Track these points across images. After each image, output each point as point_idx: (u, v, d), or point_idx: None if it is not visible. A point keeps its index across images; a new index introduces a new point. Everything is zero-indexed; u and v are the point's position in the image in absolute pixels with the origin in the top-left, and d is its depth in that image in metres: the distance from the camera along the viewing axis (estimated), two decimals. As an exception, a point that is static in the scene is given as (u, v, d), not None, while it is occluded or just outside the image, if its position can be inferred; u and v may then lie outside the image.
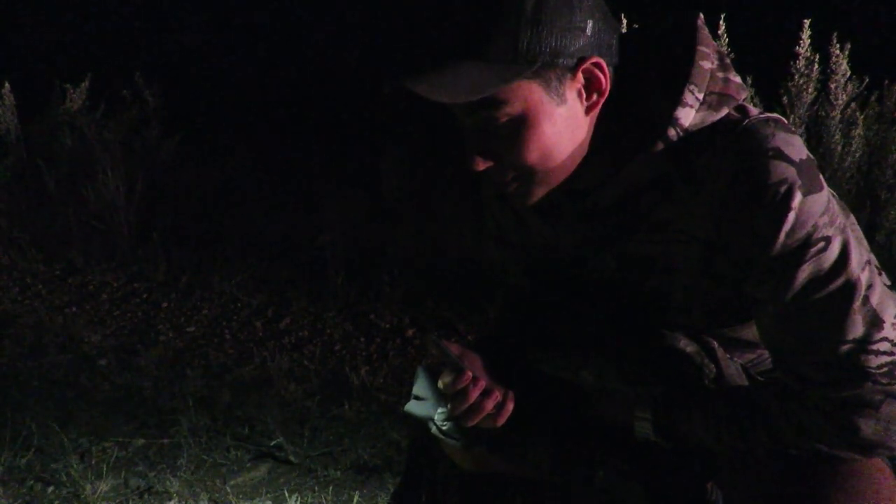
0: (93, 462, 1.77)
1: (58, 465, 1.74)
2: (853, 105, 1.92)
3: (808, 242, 0.74)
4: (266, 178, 3.53)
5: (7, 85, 3.26)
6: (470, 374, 0.85)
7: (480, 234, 1.11)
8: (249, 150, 3.61)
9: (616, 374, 0.91)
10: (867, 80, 1.93)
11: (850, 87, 1.90)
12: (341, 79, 4.24)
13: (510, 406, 0.88)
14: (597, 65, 0.76)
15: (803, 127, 1.88)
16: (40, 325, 2.61)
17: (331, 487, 1.65)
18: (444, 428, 0.96)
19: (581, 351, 0.93)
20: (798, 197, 0.73)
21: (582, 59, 0.75)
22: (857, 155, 1.85)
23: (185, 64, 4.54)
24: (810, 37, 1.83)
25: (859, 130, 1.86)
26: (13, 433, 1.84)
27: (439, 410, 0.94)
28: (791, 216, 0.74)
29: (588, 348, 0.92)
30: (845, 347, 0.74)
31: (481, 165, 0.79)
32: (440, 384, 0.87)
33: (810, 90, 1.88)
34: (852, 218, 0.81)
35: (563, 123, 0.77)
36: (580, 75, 0.76)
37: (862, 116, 1.90)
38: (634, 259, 0.85)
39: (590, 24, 0.74)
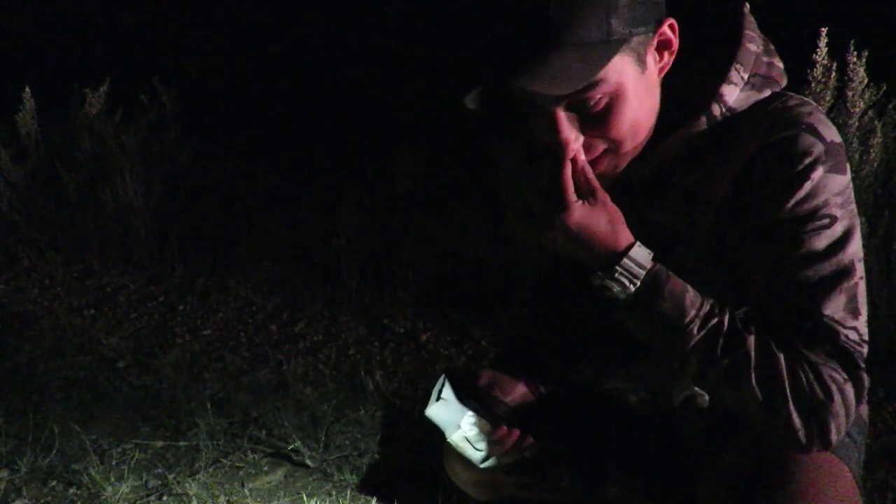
0: (113, 463, 1.80)
1: (78, 466, 1.77)
2: (870, 113, 1.91)
3: (814, 215, 0.76)
4: (281, 182, 3.56)
5: (27, 89, 3.31)
6: (505, 428, 0.89)
7: (496, 238, 1.12)
8: (265, 155, 3.64)
9: (642, 384, 0.92)
10: (885, 87, 1.92)
11: (867, 94, 1.90)
12: (358, 82, 4.26)
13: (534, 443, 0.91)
14: (671, 25, 0.77)
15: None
16: (59, 327, 2.65)
17: (348, 492, 1.67)
18: (469, 435, 0.96)
19: (606, 360, 0.94)
20: (819, 171, 0.75)
21: (659, 22, 0.77)
22: (876, 164, 1.84)
23: (202, 69, 4.58)
24: (827, 45, 1.82)
25: (878, 139, 1.86)
26: (35, 434, 1.87)
27: (468, 414, 0.95)
28: (807, 185, 0.75)
29: (613, 357, 0.93)
30: (825, 320, 0.76)
31: (574, 145, 0.78)
32: (478, 426, 0.89)
33: (827, 98, 1.87)
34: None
35: (645, 90, 0.78)
36: (656, 39, 0.78)
37: (880, 124, 1.89)
38: (660, 228, 0.86)
39: None
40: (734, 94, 0.79)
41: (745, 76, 0.79)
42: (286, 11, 5.07)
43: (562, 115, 0.77)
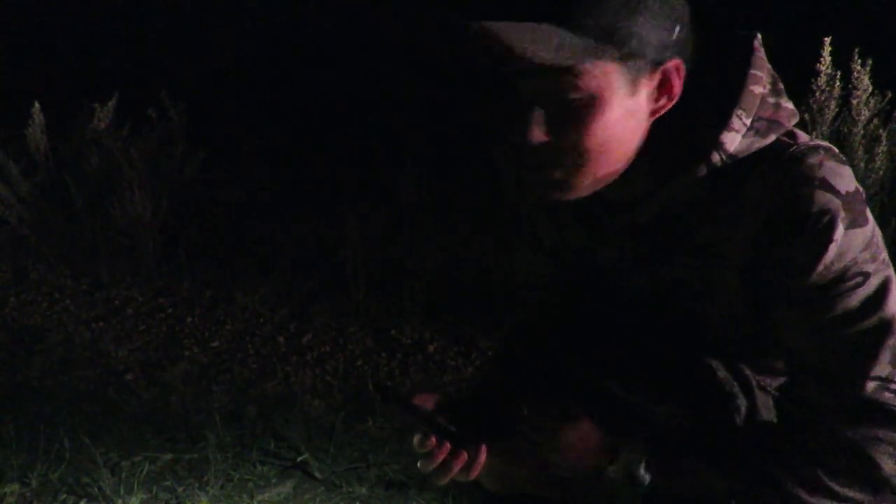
0: (123, 476, 1.80)
1: (89, 479, 1.78)
2: (875, 121, 1.91)
3: (844, 276, 0.73)
4: (287, 194, 3.58)
5: (36, 104, 3.34)
6: (434, 439, 0.85)
7: (505, 246, 1.11)
8: (272, 167, 3.66)
9: (643, 388, 0.89)
10: (889, 95, 1.92)
11: (872, 102, 1.90)
12: (362, 94, 4.29)
13: (482, 459, 0.87)
14: (677, 67, 0.74)
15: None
16: (69, 340, 2.66)
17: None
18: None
19: (610, 360, 0.92)
20: (840, 229, 0.72)
21: (665, 59, 0.74)
22: (881, 172, 1.85)
23: (209, 83, 4.62)
24: (831, 53, 1.83)
25: (883, 147, 1.86)
26: (46, 447, 1.88)
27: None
28: (832, 248, 0.73)
29: (617, 358, 0.91)
30: (870, 385, 0.73)
31: (538, 137, 0.74)
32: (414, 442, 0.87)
33: (832, 107, 1.88)
34: None
35: (628, 116, 0.74)
36: (657, 75, 0.74)
37: (885, 133, 1.89)
38: (670, 282, 0.85)
39: (678, 28, 0.74)
40: (735, 141, 0.76)
41: (748, 122, 0.76)
42: (293, 24, 5.11)
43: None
